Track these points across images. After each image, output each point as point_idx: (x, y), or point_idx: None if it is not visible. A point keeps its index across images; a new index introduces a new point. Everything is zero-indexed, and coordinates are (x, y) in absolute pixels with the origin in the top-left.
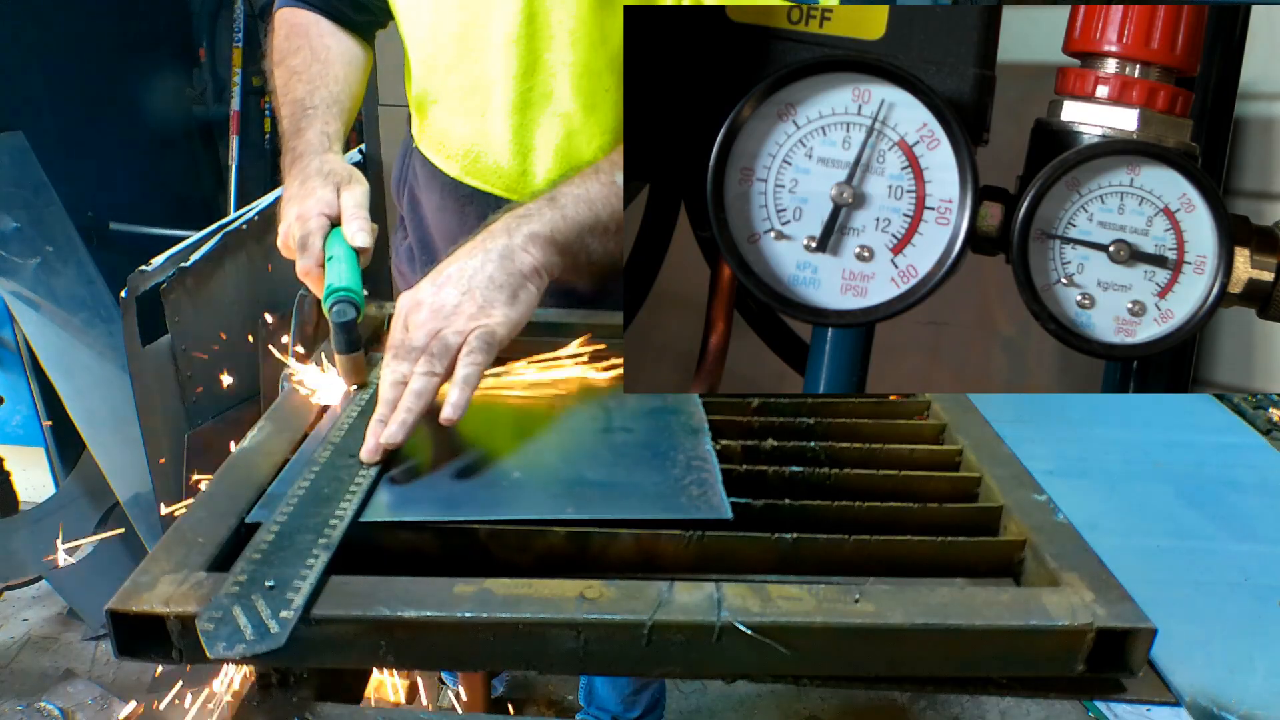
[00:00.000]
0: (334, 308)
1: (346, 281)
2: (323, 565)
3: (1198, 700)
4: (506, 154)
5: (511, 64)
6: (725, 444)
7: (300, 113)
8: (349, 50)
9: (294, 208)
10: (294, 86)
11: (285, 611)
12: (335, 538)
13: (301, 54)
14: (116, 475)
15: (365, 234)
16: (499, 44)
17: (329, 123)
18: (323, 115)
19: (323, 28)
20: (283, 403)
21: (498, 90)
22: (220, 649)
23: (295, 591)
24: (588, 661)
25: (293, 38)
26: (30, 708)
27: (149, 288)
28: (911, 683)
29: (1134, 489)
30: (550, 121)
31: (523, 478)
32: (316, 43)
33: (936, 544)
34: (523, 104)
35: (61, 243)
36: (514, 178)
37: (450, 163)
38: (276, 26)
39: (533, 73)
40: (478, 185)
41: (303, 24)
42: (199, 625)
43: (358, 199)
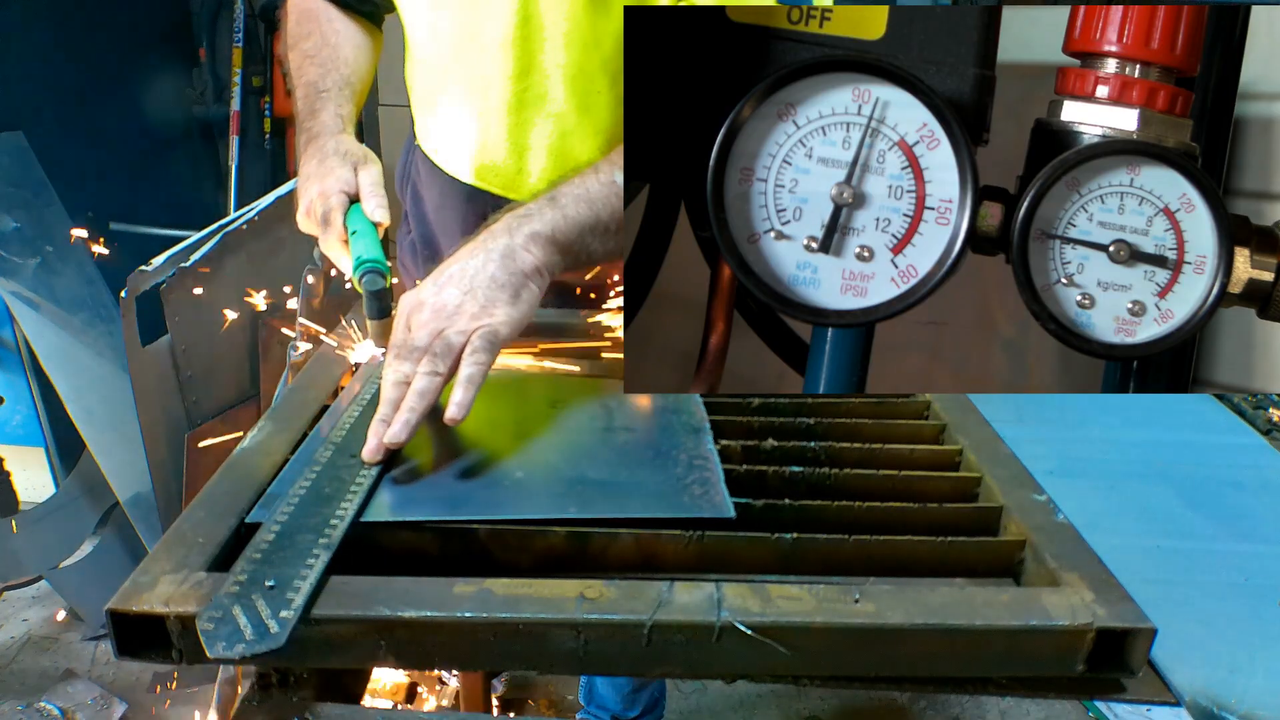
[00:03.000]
0: (364, 277)
1: (373, 253)
2: (323, 565)
3: (1198, 700)
4: (503, 153)
5: (507, 65)
6: (725, 444)
7: (315, 95)
8: (357, 35)
9: (314, 185)
10: (307, 69)
11: (285, 611)
12: (336, 537)
13: (313, 38)
14: (116, 475)
15: (384, 210)
16: (494, 45)
17: (342, 105)
18: (335, 98)
19: (331, 13)
20: (283, 402)
21: (494, 90)
22: (220, 649)
23: (295, 591)
24: (588, 661)
25: (303, 22)
26: (30, 708)
27: (149, 288)
28: (911, 683)
29: (1134, 489)
30: (544, 122)
31: (525, 477)
32: (326, 27)
33: (936, 544)
34: (518, 104)
35: (61, 243)
36: (510, 176)
37: (449, 161)
38: (289, 12)
39: (527, 74)
40: (476, 184)
41: (312, 9)
42: (199, 625)
43: (374, 177)
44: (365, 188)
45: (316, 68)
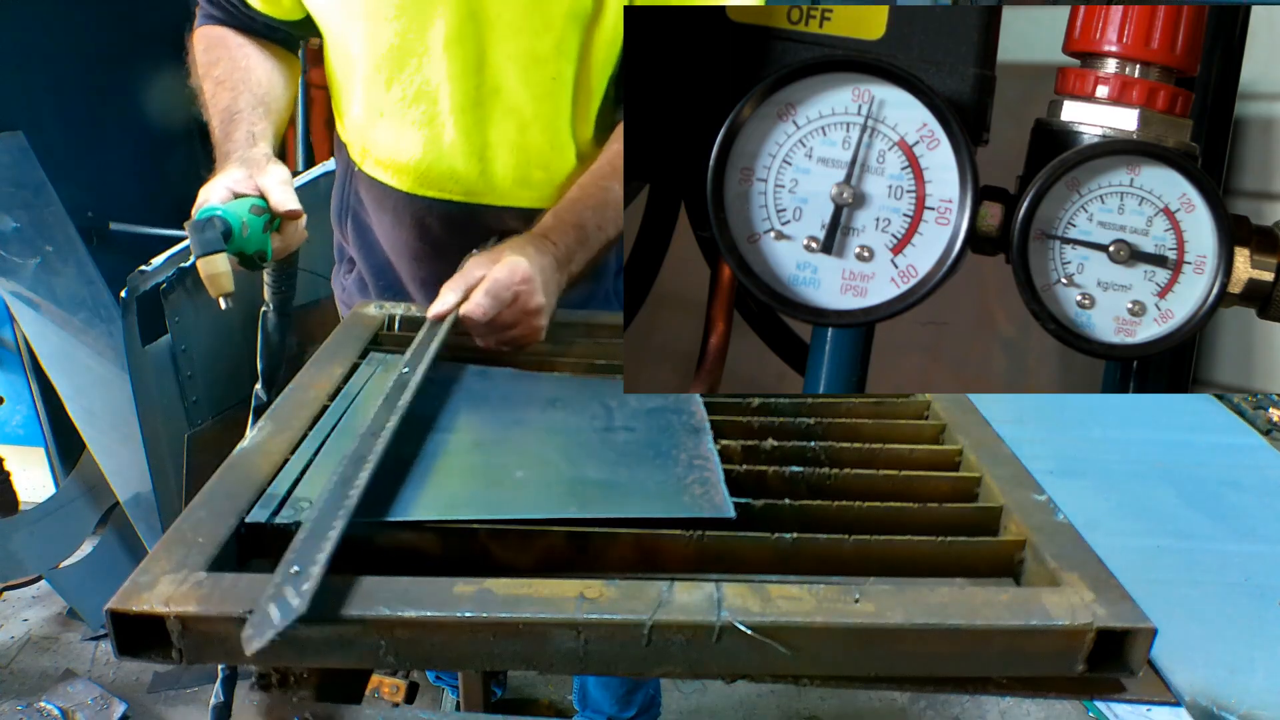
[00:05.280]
0: (197, 219)
1: (225, 210)
2: (340, 531)
3: (1198, 700)
4: (460, 157)
5: (454, 64)
6: (725, 444)
7: (228, 119)
8: (268, 61)
9: (204, 188)
10: (220, 96)
11: (306, 584)
12: (353, 503)
13: (221, 64)
14: (116, 475)
15: (292, 200)
16: (439, 47)
17: (254, 123)
18: (248, 117)
19: (241, 39)
20: (283, 402)
21: (443, 94)
22: (255, 645)
23: (315, 564)
24: (588, 661)
25: (211, 50)
26: (30, 708)
27: (149, 288)
28: (911, 683)
29: (1134, 489)
30: (502, 117)
31: (525, 477)
32: (236, 52)
33: (936, 544)
34: (471, 104)
35: (61, 243)
36: (472, 180)
37: (401, 177)
38: (196, 42)
39: (478, 70)
40: (435, 195)
41: (220, 36)
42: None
43: (280, 175)
44: (269, 185)
45: (228, 92)
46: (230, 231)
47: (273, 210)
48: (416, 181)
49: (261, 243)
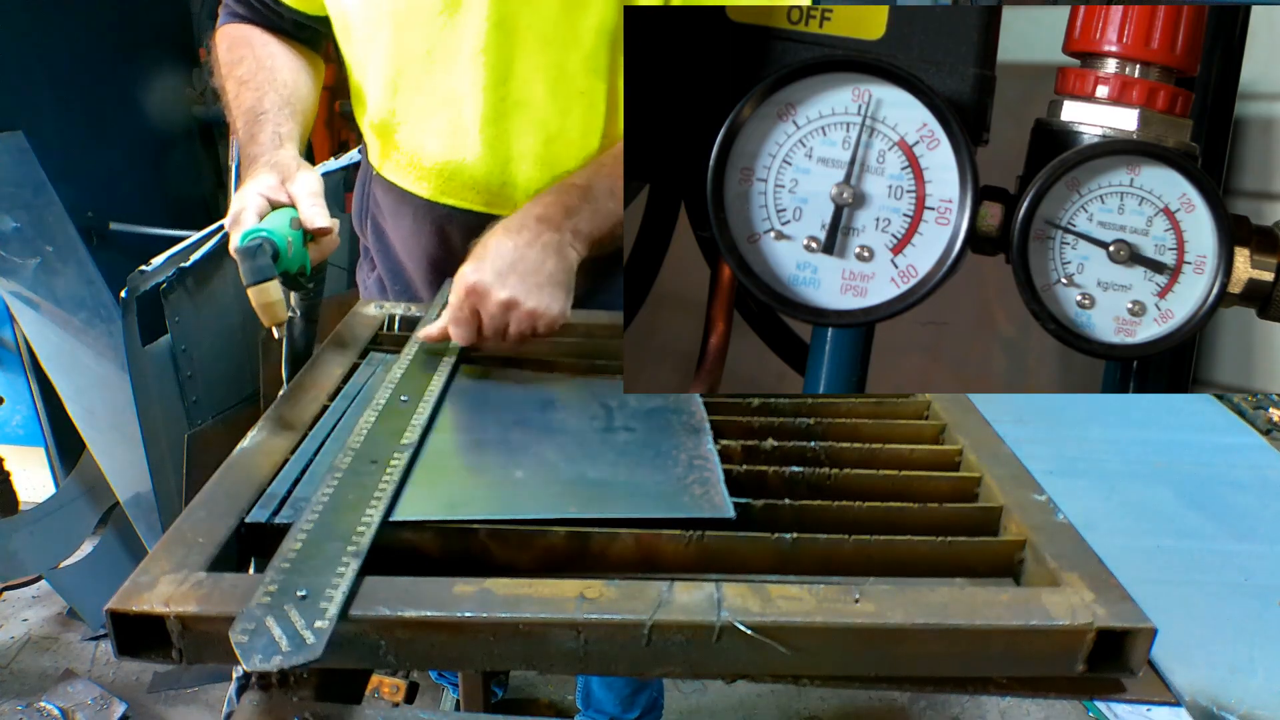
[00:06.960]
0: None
1: (269, 228)
2: (354, 573)
3: (1198, 700)
4: (483, 167)
5: (482, 74)
6: (725, 444)
7: (253, 119)
8: (294, 59)
9: (238, 194)
10: (244, 96)
11: (320, 621)
12: (364, 545)
13: (246, 63)
14: (116, 475)
15: (323, 216)
16: (468, 56)
17: (281, 124)
18: (274, 118)
19: (266, 38)
20: (283, 402)
21: (469, 103)
22: (256, 661)
23: (329, 600)
24: (588, 661)
25: (235, 49)
26: (30, 708)
27: (149, 288)
28: (911, 683)
29: (1134, 489)
30: (528, 129)
31: (525, 477)
32: (260, 51)
33: (936, 544)
34: (497, 115)
35: (61, 243)
36: (494, 191)
37: (422, 184)
38: (218, 42)
39: (506, 81)
40: (455, 204)
41: (244, 35)
42: (233, 638)
43: (311, 187)
44: (300, 196)
45: (252, 92)
46: (278, 253)
47: (304, 227)
48: (437, 189)
49: (302, 258)
